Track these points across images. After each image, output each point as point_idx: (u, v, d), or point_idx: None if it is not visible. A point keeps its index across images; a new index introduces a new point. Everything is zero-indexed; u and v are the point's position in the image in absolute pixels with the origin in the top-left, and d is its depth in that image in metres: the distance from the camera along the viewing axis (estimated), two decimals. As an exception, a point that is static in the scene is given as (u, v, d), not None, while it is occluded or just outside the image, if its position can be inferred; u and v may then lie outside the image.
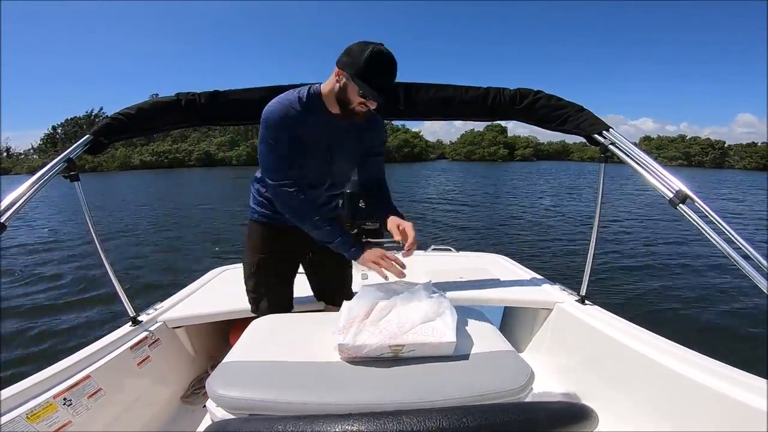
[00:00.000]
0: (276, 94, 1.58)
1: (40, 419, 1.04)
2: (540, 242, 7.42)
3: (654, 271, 5.53)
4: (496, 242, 7.38)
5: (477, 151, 72.06)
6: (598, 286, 4.61)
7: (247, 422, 0.66)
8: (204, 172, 43.62)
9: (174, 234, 8.91)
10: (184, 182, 28.78)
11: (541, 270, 2.18)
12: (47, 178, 1.22)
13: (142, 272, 5.66)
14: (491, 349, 0.98)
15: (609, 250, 6.54)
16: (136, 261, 6.43)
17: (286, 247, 1.44)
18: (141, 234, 9.01)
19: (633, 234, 8.16)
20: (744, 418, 0.95)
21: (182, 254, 6.88)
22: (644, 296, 4.50)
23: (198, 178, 33.85)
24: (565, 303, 1.70)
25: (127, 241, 8.13)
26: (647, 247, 6.96)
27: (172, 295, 1.85)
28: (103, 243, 1.46)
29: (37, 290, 4.94)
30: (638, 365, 1.28)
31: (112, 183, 29.68)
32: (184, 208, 13.89)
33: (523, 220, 10.16)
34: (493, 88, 1.67)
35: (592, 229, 1.61)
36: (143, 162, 59.62)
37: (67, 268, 5.94)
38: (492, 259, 2.45)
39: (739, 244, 1.01)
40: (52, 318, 4.01)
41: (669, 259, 6.18)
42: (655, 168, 1.27)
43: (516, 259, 2.40)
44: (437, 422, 0.54)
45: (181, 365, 1.72)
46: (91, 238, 1.43)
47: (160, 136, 66.96)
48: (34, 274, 5.66)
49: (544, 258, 6.19)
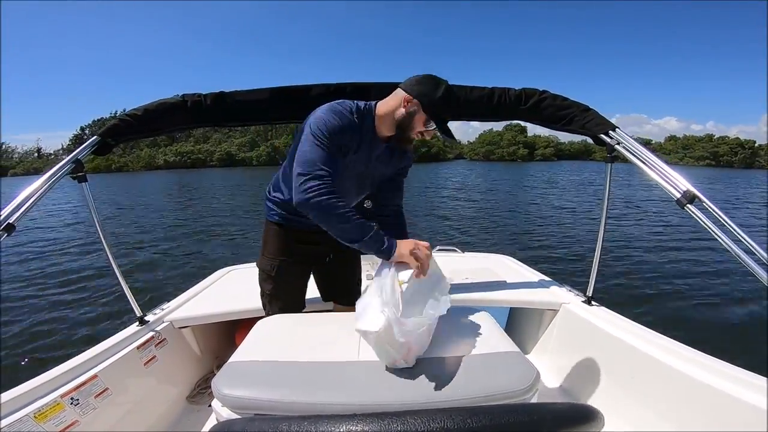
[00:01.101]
0: (280, 95, 1.60)
1: (47, 419, 1.05)
2: (555, 243, 7.36)
3: (661, 272, 5.47)
4: (509, 243, 7.34)
5: (496, 151, 71.47)
6: (605, 286, 4.57)
7: (252, 422, 0.66)
8: (225, 172, 44.21)
9: (185, 232, 9.03)
10: (205, 181, 29.20)
11: (548, 272, 2.17)
12: (56, 179, 1.24)
13: (151, 270, 5.71)
14: (497, 349, 0.98)
15: (616, 250, 6.49)
16: (155, 256, 6.54)
17: (306, 250, 1.41)
18: (160, 232, 9.18)
19: (640, 234, 8.09)
20: (756, 420, 0.94)
21: (192, 255, 6.91)
22: (651, 297, 4.45)
23: (218, 177, 34.42)
24: (572, 304, 1.69)
25: (143, 239, 8.24)
26: (654, 248, 6.89)
27: (179, 294, 1.87)
28: (117, 242, 1.48)
29: (44, 290, 4.99)
30: (644, 366, 1.27)
31: (136, 182, 29.97)
32: (200, 206, 14.15)
33: (537, 221, 9.95)
34: (498, 87, 1.66)
35: (599, 229, 1.60)
36: (167, 162, 61.89)
37: (75, 267, 6.00)
38: (497, 260, 2.44)
39: (749, 245, 1.00)
40: (59, 318, 4.05)
41: (676, 259, 6.11)
42: (662, 168, 1.25)
43: (528, 260, 2.38)
44: (442, 423, 0.54)
45: (187, 365, 1.73)
46: (99, 237, 1.45)
47: (183, 136, 69.36)
48: (42, 274, 5.72)
49: (555, 258, 6.15)
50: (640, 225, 9.19)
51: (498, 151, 71.44)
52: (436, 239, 7.01)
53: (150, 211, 13.26)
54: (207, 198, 17.68)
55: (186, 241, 8.06)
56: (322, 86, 1.62)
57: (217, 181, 29.71)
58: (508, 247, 6.80)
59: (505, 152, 70.46)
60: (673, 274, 5.34)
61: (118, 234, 8.59)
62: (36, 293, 4.87)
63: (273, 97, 1.60)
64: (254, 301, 1.76)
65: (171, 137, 69.63)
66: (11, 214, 1.08)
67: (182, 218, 11.41)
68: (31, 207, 1.14)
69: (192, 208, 13.69)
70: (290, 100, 1.61)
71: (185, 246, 7.56)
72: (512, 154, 69.49)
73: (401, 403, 0.77)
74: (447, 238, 7.57)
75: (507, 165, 53.53)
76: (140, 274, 5.58)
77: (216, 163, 62.30)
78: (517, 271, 2.22)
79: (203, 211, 12.90)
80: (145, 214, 12.57)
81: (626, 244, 7.07)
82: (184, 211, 13.16)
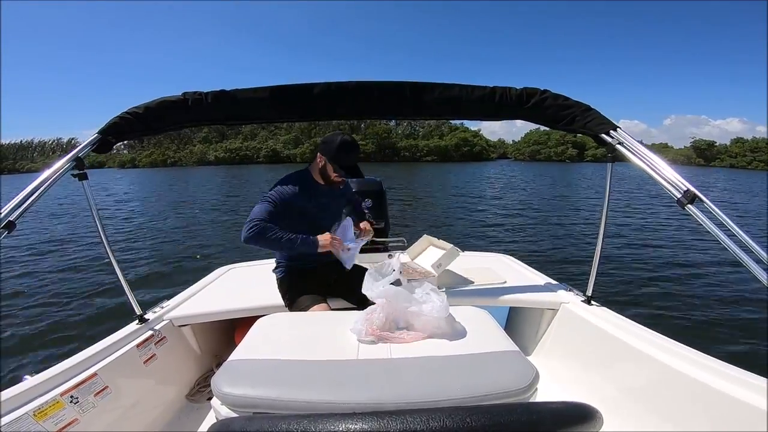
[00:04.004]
0: (279, 92, 1.59)
1: (47, 417, 1.05)
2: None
3: (661, 271, 5.47)
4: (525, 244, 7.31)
5: (543, 151, 68.73)
6: (605, 286, 4.57)
7: (251, 420, 0.66)
8: (270, 169, 44.62)
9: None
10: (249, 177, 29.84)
11: (550, 271, 2.16)
12: (56, 176, 1.23)
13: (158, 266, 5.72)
14: (496, 349, 0.98)
15: (615, 250, 6.48)
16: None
17: (313, 281, 1.73)
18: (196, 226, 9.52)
19: (640, 234, 8.08)
20: (756, 421, 0.94)
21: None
22: (650, 297, 4.45)
23: (261, 173, 35.16)
24: (571, 303, 1.69)
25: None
26: (654, 248, 6.88)
27: (179, 293, 1.87)
28: (131, 239, 1.47)
29: (45, 288, 4.99)
30: (644, 366, 1.27)
31: (186, 175, 30.95)
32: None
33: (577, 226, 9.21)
34: (499, 87, 1.65)
35: (599, 229, 1.60)
36: (217, 158, 64.98)
37: (75, 265, 6.00)
38: (497, 259, 2.44)
39: (749, 245, 1.00)
40: (59, 315, 4.05)
41: (676, 259, 6.11)
42: (663, 168, 1.25)
43: (542, 259, 2.37)
44: (441, 422, 0.54)
45: (186, 363, 1.73)
46: (99, 236, 1.44)
47: (232, 134, 71.61)
48: (42, 272, 5.72)
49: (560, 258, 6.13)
50: (641, 224, 9.17)
51: (545, 151, 68.39)
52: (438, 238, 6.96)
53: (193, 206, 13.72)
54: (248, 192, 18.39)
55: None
56: (324, 85, 1.61)
57: (260, 176, 30.86)
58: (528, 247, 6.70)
59: (552, 152, 67.23)
60: (672, 274, 5.34)
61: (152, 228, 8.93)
62: (35, 291, 4.88)
63: (274, 96, 1.59)
64: (254, 299, 1.76)
65: (221, 134, 71.95)
66: (12, 212, 1.08)
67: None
68: (31, 205, 1.14)
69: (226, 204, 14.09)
70: (292, 99, 1.61)
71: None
72: (560, 155, 66.02)
73: (400, 402, 0.77)
74: (454, 239, 7.53)
75: (553, 166, 50.29)
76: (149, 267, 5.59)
77: (262, 160, 64.36)
78: (516, 270, 2.22)
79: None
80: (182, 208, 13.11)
81: (626, 244, 7.07)
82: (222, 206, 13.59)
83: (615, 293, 4.46)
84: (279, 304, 1.72)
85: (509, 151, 78.34)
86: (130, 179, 35.18)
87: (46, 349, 3.34)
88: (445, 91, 1.64)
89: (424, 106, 1.66)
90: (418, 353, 0.97)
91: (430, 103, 1.65)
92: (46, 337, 3.58)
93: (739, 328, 3.67)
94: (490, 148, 75.70)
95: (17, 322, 3.89)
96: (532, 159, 68.61)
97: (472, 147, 68.22)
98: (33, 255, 6.85)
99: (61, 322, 3.91)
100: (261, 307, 1.70)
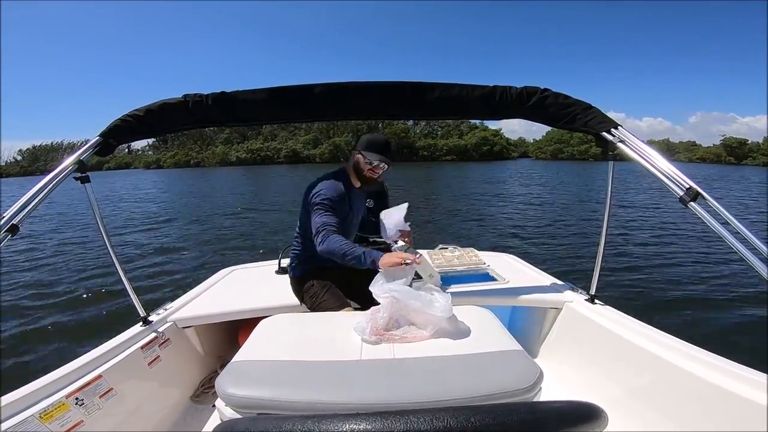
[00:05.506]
0: (278, 93, 1.59)
1: (52, 419, 1.05)
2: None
3: (664, 269, 5.44)
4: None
5: (565, 150, 66.63)
6: (608, 285, 4.55)
7: (256, 421, 0.66)
8: (289, 169, 44.91)
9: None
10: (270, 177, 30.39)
11: (554, 270, 2.16)
12: (58, 179, 1.24)
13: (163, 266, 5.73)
14: (500, 348, 0.98)
15: (619, 248, 6.46)
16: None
17: (335, 281, 1.71)
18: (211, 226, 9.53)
19: (643, 232, 8.04)
20: (758, 416, 0.93)
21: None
22: (654, 295, 4.43)
23: (280, 174, 35.58)
24: (575, 302, 1.69)
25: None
26: (657, 246, 6.85)
27: (182, 295, 1.87)
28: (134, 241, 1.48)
29: (48, 290, 5.01)
30: (647, 364, 1.26)
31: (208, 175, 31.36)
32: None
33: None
34: (500, 86, 1.65)
35: (602, 228, 1.59)
36: (239, 159, 65.53)
37: (79, 268, 6.02)
38: (501, 259, 2.43)
39: (752, 242, 1.00)
40: (64, 318, 4.07)
41: (679, 257, 6.08)
42: (665, 166, 1.25)
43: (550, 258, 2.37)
44: (445, 422, 0.54)
45: (190, 365, 1.73)
46: (102, 238, 1.45)
47: (253, 134, 72.08)
48: (47, 274, 5.74)
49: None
50: (643, 223, 9.13)
51: (567, 150, 66.07)
52: (439, 238, 6.98)
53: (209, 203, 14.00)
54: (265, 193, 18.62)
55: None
56: (324, 86, 1.61)
57: (278, 177, 31.19)
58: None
59: (575, 150, 64.62)
60: (675, 272, 5.31)
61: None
62: (40, 293, 4.90)
63: (274, 97, 1.59)
64: (257, 300, 1.76)
65: (242, 135, 72.27)
66: (15, 215, 1.08)
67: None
68: (35, 208, 1.15)
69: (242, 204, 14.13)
70: (291, 99, 1.61)
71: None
72: (583, 153, 62.35)
73: (404, 402, 0.77)
74: (453, 238, 7.54)
75: (577, 165, 47.61)
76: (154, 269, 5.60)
77: (283, 160, 64.66)
78: (520, 269, 2.21)
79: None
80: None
81: (630, 241, 7.04)
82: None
83: (618, 292, 4.44)
84: (283, 304, 1.72)
85: (530, 150, 76.91)
86: (159, 179, 36.32)
87: (50, 351, 3.36)
88: (446, 91, 1.64)
89: (425, 106, 1.66)
90: (421, 353, 0.97)
91: (430, 103, 1.65)
92: (51, 339, 3.60)
93: (745, 325, 3.66)
94: (511, 147, 74.06)
95: (22, 324, 3.91)
96: (554, 158, 66.84)
97: (492, 146, 67.10)
98: (36, 257, 6.88)
99: (64, 324, 3.93)
100: (264, 308, 1.71)
